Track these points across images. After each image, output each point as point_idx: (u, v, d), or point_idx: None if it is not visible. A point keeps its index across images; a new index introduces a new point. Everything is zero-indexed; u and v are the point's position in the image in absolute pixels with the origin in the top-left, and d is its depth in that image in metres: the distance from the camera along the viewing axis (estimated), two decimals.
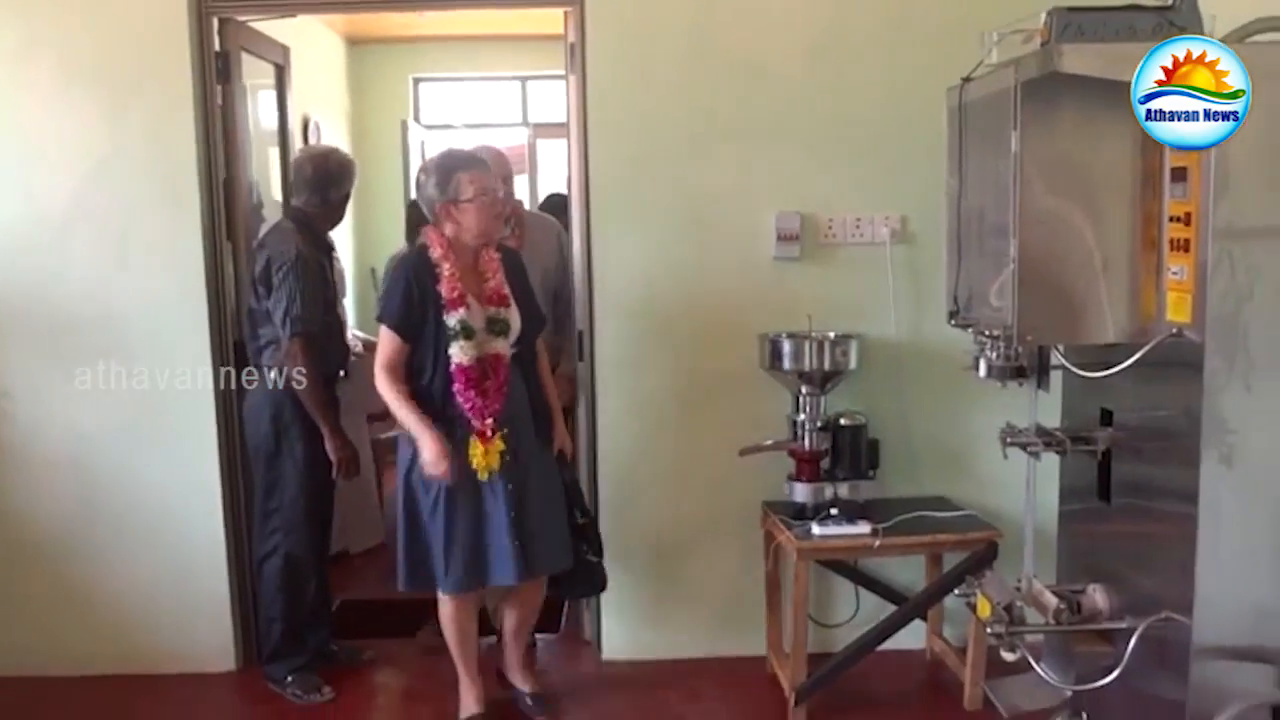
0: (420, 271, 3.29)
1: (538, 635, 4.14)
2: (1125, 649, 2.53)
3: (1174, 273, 2.39)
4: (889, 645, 3.66)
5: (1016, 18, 2.51)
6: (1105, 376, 2.51)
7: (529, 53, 6.66)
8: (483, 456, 3.25)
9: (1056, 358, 2.74)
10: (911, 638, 3.90)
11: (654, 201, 3.82)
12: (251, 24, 4.16)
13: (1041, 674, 2.75)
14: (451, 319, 3.26)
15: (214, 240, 3.86)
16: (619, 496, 3.96)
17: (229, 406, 3.89)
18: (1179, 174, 2.35)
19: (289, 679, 3.82)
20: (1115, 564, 2.76)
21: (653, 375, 3.91)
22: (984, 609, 2.75)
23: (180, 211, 3.78)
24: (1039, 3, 2.41)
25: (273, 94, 4.67)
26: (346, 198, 3.91)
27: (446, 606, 3.46)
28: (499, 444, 3.27)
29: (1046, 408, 2.89)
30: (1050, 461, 2.89)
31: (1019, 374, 2.70)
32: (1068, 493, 3.01)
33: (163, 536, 3.93)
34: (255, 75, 4.33)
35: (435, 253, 3.30)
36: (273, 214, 4.35)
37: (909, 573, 3.92)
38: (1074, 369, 2.67)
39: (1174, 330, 2.38)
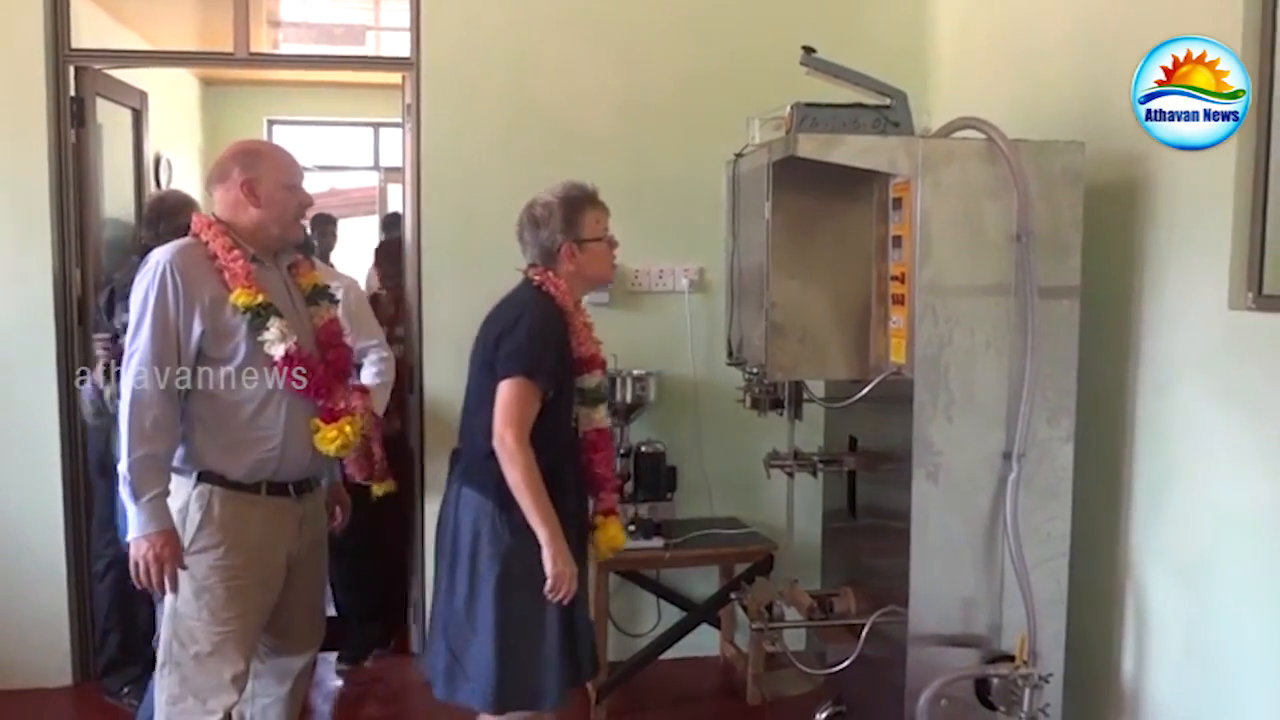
0: (556, 322, 2.84)
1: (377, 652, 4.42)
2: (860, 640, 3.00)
3: (894, 322, 2.87)
4: (688, 652, 4.11)
5: (779, 104, 2.89)
6: (839, 408, 2.98)
7: (380, 100, 6.90)
8: (617, 534, 3.01)
9: (811, 393, 3.20)
10: (708, 645, 4.33)
11: (480, 246, 4.09)
12: (108, 71, 4.38)
13: (797, 665, 3.19)
14: (591, 380, 2.96)
15: (64, 273, 4.05)
16: None
17: (73, 424, 4.04)
18: (897, 240, 2.84)
19: (125, 690, 3.90)
20: (861, 570, 3.23)
21: None
22: (752, 609, 3.20)
23: (32, 247, 3.97)
24: (796, 94, 2.84)
25: (130, 133, 4.87)
26: (180, 230, 4.10)
27: None
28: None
29: (817, 436, 3.36)
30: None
31: (777, 405, 3.16)
32: (829, 511, 3.47)
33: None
34: (112, 116, 4.53)
35: (564, 302, 2.86)
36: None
37: (706, 587, 4.31)
38: (819, 401, 3.13)
39: (895, 370, 2.85)
